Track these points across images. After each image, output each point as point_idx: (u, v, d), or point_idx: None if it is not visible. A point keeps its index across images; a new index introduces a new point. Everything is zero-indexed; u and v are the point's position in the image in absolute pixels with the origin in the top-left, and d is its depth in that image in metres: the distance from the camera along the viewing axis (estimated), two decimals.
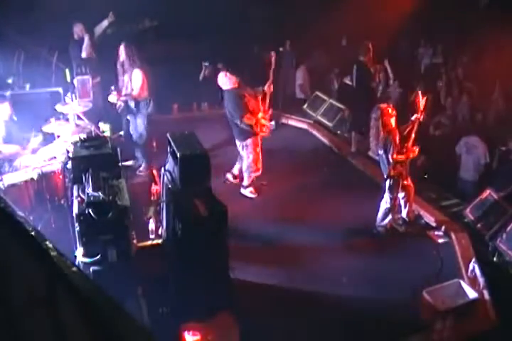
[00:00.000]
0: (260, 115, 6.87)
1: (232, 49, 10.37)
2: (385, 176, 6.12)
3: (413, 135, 5.97)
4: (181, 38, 10.38)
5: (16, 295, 1.39)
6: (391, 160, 5.97)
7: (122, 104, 7.28)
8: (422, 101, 5.94)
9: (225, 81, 6.91)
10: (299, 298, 5.18)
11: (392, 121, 6.02)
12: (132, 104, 7.25)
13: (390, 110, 6.09)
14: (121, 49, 7.25)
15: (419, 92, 6.18)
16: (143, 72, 7.17)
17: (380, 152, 6.17)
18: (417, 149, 6.06)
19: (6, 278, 1.38)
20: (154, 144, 7.77)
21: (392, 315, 4.83)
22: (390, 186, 6.10)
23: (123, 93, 7.23)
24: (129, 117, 7.45)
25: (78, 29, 8.63)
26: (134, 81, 7.15)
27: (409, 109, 6.21)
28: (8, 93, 7.34)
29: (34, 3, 8.87)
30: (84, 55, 8.50)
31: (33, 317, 1.33)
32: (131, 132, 7.48)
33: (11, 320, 1.37)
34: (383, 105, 6.44)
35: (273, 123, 9.99)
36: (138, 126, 7.39)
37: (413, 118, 6.01)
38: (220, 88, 6.98)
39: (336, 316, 4.91)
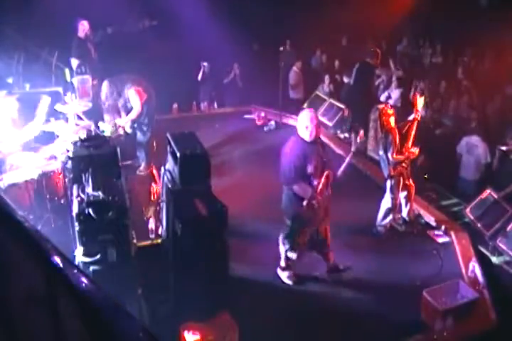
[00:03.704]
0: None
1: (231, 49, 10.37)
2: (386, 176, 6.12)
3: (412, 135, 5.97)
4: (181, 37, 10.39)
5: (15, 295, 1.38)
6: (391, 160, 5.97)
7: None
8: (419, 101, 5.94)
9: None
10: (298, 297, 5.18)
11: (391, 120, 6.01)
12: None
13: (388, 110, 6.07)
14: (104, 87, 7.25)
15: (417, 92, 6.18)
16: (136, 90, 7.13)
17: (381, 152, 6.17)
18: (416, 150, 6.05)
19: (5, 278, 1.38)
20: (154, 144, 7.76)
21: (392, 315, 4.84)
22: (391, 186, 6.10)
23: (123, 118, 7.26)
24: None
25: (84, 27, 8.60)
26: (132, 101, 7.14)
27: (409, 109, 6.21)
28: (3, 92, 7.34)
29: (34, 3, 8.87)
30: (92, 53, 8.54)
31: (32, 317, 1.33)
32: (144, 131, 7.47)
33: (10, 320, 1.37)
34: (381, 105, 6.43)
35: (273, 123, 10.03)
36: (143, 126, 7.40)
37: (411, 117, 6.01)
38: None
39: (336, 316, 4.91)
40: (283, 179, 4.90)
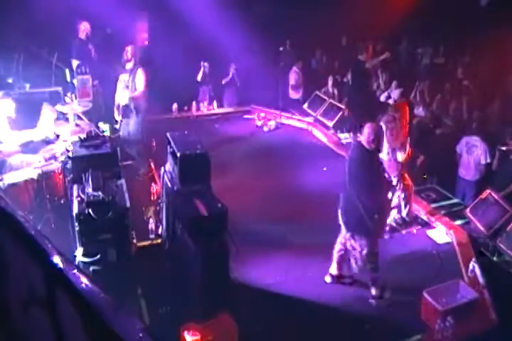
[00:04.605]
0: None
1: (231, 49, 10.37)
2: (386, 176, 6.11)
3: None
4: (180, 37, 10.38)
5: (14, 295, 1.38)
6: (401, 161, 5.95)
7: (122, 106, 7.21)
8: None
9: None
10: (298, 298, 5.18)
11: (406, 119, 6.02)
12: (132, 105, 7.18)
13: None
14: (129, 49, 7.19)
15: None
16: (144, 72, 7.13)
17: (384, 152, 6.10)
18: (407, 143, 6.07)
19: (5, 278, 1.38)
20: (154, 144, 7.76)
21: (392, 315, 4.84)
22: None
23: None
24: (125, 120, 7.37)
25: (84, 27, 8.59)
26: (138, 80, 7.11)
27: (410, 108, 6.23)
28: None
29: (34, 4, 8.87)
30: (93, 54, 8.53)
31: (31, 317, 1.33)
32: (130, 130, 7.40)
33: (9, 319, 1.37)
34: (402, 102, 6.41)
35: (273, 123, 10.03)
36: (135, 124, 7.33)
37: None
38: None
39: (336, 316, 4.91)
40: (353, 190, 4.72)
